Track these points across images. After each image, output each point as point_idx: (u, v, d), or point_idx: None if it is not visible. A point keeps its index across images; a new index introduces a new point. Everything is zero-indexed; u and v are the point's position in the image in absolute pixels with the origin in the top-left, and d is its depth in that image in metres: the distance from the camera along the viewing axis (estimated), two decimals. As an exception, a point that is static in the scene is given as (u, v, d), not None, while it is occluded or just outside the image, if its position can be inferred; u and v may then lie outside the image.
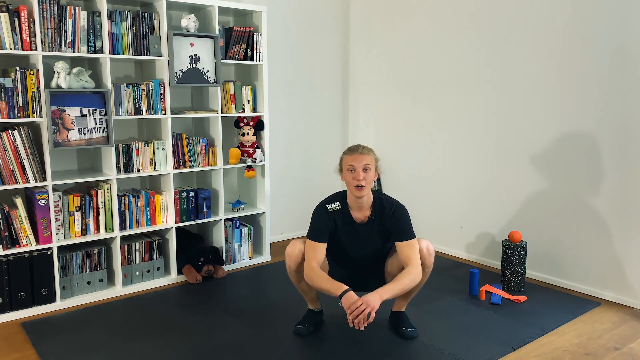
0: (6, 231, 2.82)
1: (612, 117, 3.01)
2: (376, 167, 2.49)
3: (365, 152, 2.46)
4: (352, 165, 2.42)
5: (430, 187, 4.11)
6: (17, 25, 2.71)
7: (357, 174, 2.40)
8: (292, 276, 2.60)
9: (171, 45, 3.17)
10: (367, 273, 2.66)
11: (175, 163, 3.33)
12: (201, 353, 2.46)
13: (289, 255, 2.54)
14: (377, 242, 2.55)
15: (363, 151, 2.45)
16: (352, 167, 2.42)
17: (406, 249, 2.43)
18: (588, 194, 3.16)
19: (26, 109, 2.78)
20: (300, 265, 2.53)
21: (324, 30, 4.36)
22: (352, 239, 2.54)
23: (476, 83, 3.70)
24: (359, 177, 2.40)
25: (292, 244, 2.54)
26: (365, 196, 2.46)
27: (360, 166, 2.41)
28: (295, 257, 2.52)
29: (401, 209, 2.51)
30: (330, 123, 4.52)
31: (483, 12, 3.61)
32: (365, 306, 2.23)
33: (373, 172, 2.46)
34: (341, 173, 2.51)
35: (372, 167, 2.45)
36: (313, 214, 2.54)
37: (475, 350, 2.49)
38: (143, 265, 3.30)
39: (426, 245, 2.50)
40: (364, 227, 2.52)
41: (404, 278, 2.35)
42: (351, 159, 2.43)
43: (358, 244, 2.55)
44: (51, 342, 2.56)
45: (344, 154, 2.50)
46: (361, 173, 2.41)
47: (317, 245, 2.45)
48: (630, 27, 2.90)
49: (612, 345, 2.56)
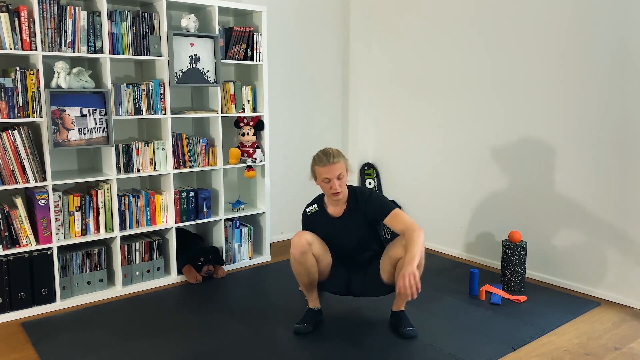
0: (6, 231, 2.82)
1: (613, 117, 3.01)
2: (347, 169, 2.62)
3: (336, 160, 2.54)
4: (327, 177, 2.53)
5: (430, 186, 4.11)
6: (17, 25, 2.71)
7: (333, 183, 2.54)
8: (295, 268, 2.62)
9: (171, 45, 3.17)
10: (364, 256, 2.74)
11: (175, 163, 3.33)
12: (201, 353, 2.46)
13: (294, 244, 2.57)
14: (359, 229, 2.67)
15: (334, 160, 2.53)
16: (326, 179, 2.54)
17: (394, 220, 2.55)
18: (588, 194, 3.16)
19: (26, 109, 2.78)
20: (305, 255, 2.57)
21: (324, 30, 4.36)
22: (335, 231, 2.69)
23: (477, 82, 3.70)
24: (335, 187, 2.54)
25: (299, 233, 2.60)
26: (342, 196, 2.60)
27: (335, 176, 2.53)
28: (301, 246, 2.56)
29: (373, 194, 2.65)
30: (330, 123, 4.52)
31: (484, 12, 3.61)
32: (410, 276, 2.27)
33: (346, 176, 2.60)
34: (315, 180, 2.63)
35: (344, 173, 2.58)
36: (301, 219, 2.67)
37: (475, 350, 2.49)
38: (143, 265, 3.30)
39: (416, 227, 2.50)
40: (342, 219, 2.67)
41: (412, 241, 2.42)
42: (324, 171, 2.53)
43: (341, 234, 2.69)
44: (51, 342, 2.56)
45: (315, 164, 2.58)
46: (336, 182, 2.54)
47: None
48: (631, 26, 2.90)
49: (612, 345, 2.56)
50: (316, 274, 2.66)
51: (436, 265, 3.73)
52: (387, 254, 2.61)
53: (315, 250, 2.60)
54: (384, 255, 2.65)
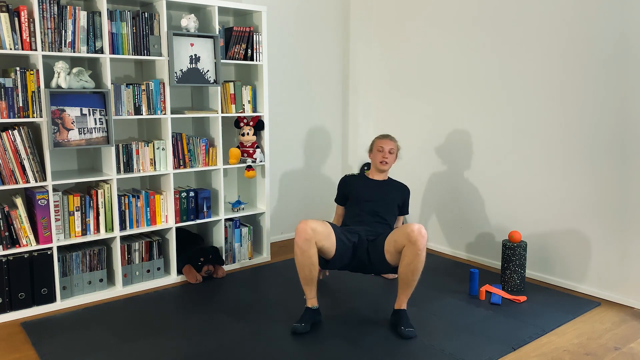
0: (6, 231, 2.82)
1: (613, 117, 3.01)
2: (397, 154, 3.23)
3: (392, 138, 3.23)
4: (382, 146, 3.17)
5: (430, 186, 4.11)
6: (17, 25, 2.71)
7: (385, 153, 3.16)
8: (298, 258, 2.67)
9: (171, 45, 3.17)
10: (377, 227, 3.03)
11: (175, 163, 3.33)
12: (201, 353, 2.46)
13: (298, 232, 2.65)
14: (389, 196, 3.16)
15: (391, 138, 3.22)
16: (381, 148, 3.17)
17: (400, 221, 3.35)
18: (588, 194, 3.16)
19: (26, 109, 2.78)
20: (308, 243, 2.62)
21: (324, 30, 4.36)
22: (369, 190, 3.18)
23: (477, 82, 3.71)
24: (386, 156, 3.16)
25: (303, 221, 2.68)
26: (386, 172, 3.23)
27: (387, 148, 3.16)
28: (305, 233, 2.64)
29: (409, 190, 3.31)
30: (330, 123, 4.52)
31: (484, 12, 3.61)
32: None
33: (395, 156, 3.21)
34: (370, 153, 3.27)
35: (395, 152, 3.20)
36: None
37: (475, 350, 2.49)
38: (143, 265, 3.30)
39: (418, 228, 2.62)
40: (380, 183, 3.21)
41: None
42: (381, 142, 3.19)
43: (374, 193, 3.16)
44: (51, 342, 2.56)
45: (376, 138, 3.24)
46: (387, 154, 3.16)
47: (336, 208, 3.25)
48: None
49: (612, 345, 2.56)
50: (316, 271, 2.69)
51: (436, 265, 3.73)
52: (393, 239, 2.71)
53: (320, 234, 2.68)
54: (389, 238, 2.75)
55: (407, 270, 2.63)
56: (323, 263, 2.87)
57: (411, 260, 2.61)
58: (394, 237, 2.73)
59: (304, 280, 2.73)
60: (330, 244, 2.75)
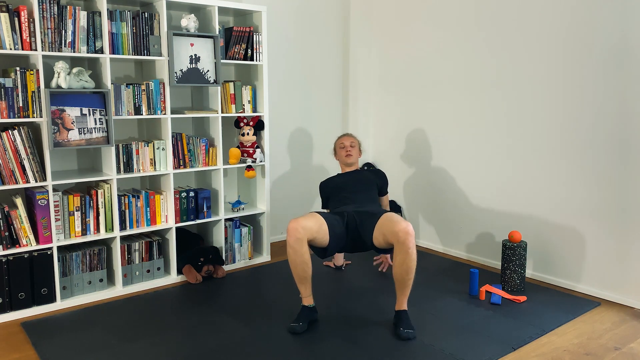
0: (6, 231, 2.82)
1: (613, 117, 3.01)
2: (359, 147, 3.47)
3: (350, 135, 3.48)
4: (343, 143, 3.42)
5: (430, 186, 4.11)
6: (17, 25, 2.71)
7: (347, 148, 3.39)
8: (291, 257, 2.68)
9: (171, 45, 3.17)
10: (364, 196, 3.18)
11: (175, 163, 3.33)
12: (201, 353, 2.46)
13: (289, 232, 2.66)
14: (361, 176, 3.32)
15: (349, 134, 3.49)
16: (342, 144, 3.42)
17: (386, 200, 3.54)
18: (588, 194, 3.16)
19: (26, 109, 2.78)
20: (300, 242, 2.64)
21: (324, 30, 4.36)
22: (345, 178, 3.33)
23: (476, 83, 3.71)
24: (348, 149, 3.38)
25: (294, 220, 2.69)
26: (353, 164, 3.40)
27: (348, 143, 3.41)
28: (296, 232, 2.65)
29: (383, 173, 3.47)
30: (330, 123, 4.52)
31: (484, 13, 3.61)
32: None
33: (358, 149, 3.44)
34: (335, 155, 3.47)
35: (356, 145, 3.44)
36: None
37: (475, 350, 2.49)
38: (143, 265, 3.30)
39: (405, 227, 2.61)
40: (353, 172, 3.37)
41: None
42: (342, 140, 3.45)
43: (349, 179, 3.31)
44: (51, 342, 2.56)
45: (336, 140, 3.48)
46: (349, 147, 3.39)
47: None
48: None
49: (612, 345, 2.56)
50: (309, 269, 2.71)
51: (436, 265, 3.73)
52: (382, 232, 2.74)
53: (311, 228, 2.69)
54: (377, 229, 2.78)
55: (401, 271, 2.63)
56: (321, 252, 2.87)
57: (403, 259, 2.61)
58: (382, 230, 2.75)
59: (298, 279, 2.74)
60: (323, 234, 2.77)
